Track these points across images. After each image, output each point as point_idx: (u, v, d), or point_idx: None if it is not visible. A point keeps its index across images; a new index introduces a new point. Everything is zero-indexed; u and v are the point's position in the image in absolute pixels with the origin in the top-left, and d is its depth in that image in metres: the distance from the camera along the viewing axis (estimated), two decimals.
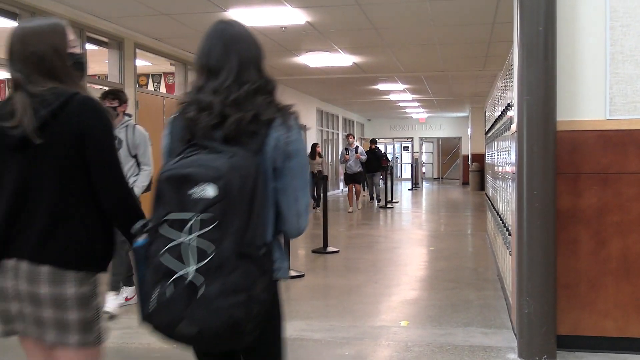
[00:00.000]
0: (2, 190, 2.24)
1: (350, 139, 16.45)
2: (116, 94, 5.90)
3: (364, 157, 15.98)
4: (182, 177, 1.89)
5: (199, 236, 1.84)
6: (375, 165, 17.69)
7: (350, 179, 16.08)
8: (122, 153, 5.69)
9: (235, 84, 2.08)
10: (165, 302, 1.87)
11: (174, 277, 1.86)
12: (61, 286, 2.19)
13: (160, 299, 1.88)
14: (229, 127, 2.01)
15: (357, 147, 16.15)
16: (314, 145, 16.07)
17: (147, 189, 6.00)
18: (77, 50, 2.37)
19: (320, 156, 16.02)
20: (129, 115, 6.05)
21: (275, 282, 2.11)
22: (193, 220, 1.85)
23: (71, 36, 2.35)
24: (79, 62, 2.36)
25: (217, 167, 1.88)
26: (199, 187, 1.86)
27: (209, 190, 1.86)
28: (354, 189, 16.08)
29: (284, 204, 2.09)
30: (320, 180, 13.32)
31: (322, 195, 11.52)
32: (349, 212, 15.52)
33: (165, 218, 1.90)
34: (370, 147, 18.27)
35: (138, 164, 5.90)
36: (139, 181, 5.86)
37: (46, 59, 2.23)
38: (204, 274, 1.83)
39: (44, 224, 2.18)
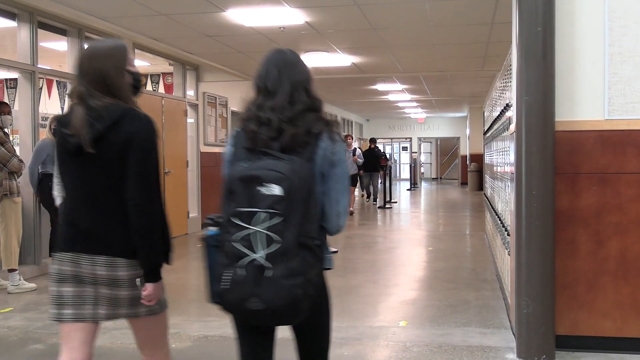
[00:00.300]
0: (65, 191, 2.68)
1: (348, 140, 15.83)
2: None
3: (360, 161, 15.63)
4: (252, 177, 2.27)
5: (266, 227, 2.22)
6: (374, 165, 17.49)
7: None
8: None
9: (289, 104, 2.48)
10: (237, 282, 2.25)
11: (245, 261, 2.24)
12: (119, 270, 2.61)
13: (233, 279, 2.25)
14: (285, 139, 2.42)
15: (355, 149, 15.75)
16: None
17: None
18: (135, 69, 2.76)
19: None
20: None
21: (324, 270, 2.48)
22: (262, 213, 2.23)
23: (130, 56, 2.73)
24: (137, 80, 2.77)
25: (281, 170, 2.26)
26: (267, 186, 2.24)
27: (275, 189, 2.24)
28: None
29: (327, 205, 2.46)
30: None
31: None
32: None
33: (236, 211, 2.27)
34: (369, 147, 18.01)
35: None
36: None
37: (109, 76, 2.59)
38: (271, 259, 2.21)
39: (107, 221, 2.58)
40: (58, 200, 2.83)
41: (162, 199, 2.69)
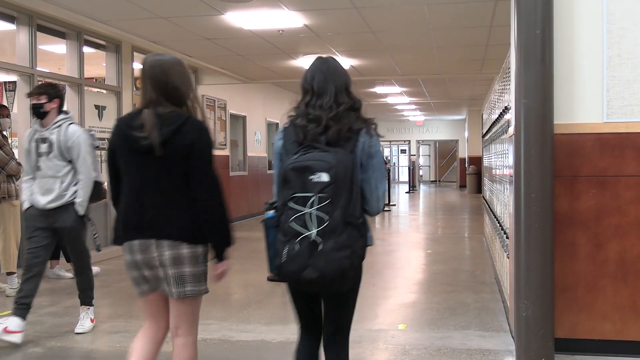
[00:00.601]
0: (127, 185, 3.03)
1: None
2: (44, 89, 5.09)
3: None
4: (304, 167, 2.68)
5: (317, 209, 2.64)
6: None
7: None
8: (53, 159, 5.02)
9: (334, 104, 2.89)
10: (294, 255, 2.66)
11: (300, 237, 2.65)
12: (191, 249, 3.00)
13: (290, 253, 2.67)
14: (331, 134, 2.82)
15: None
16: None
17: (97, 197, 5.36)
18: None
19: None
20: (66, 113, 5.18)
21: (366, 245, 2.84)
22: (313, 197, 2.64)
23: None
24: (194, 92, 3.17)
25: (328, 160, 2.68)
26: (317, 174, 2.66)
27: (324, 177, 2.66)
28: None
29: (367, 190, 2.86)
30: None
31: None
32: None
33: (292, 196, 2.68)
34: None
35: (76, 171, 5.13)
36: (78, 198, 5.12)
37: (179, 89, 3.03)
38: (322, 235, 2.63)
39: (171, 212, 2.98)
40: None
41: (223, 193, 3.07)
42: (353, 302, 3.04)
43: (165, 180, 2.98)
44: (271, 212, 2.84)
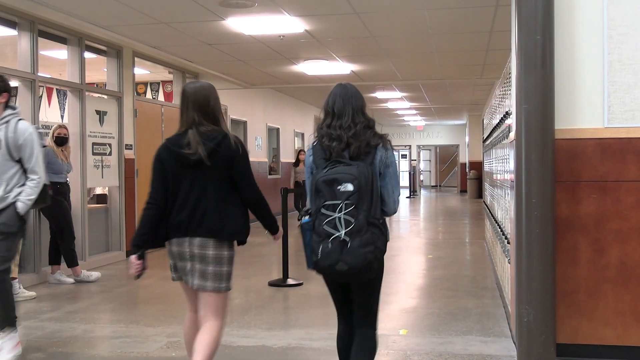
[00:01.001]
0: (180, 193, 3.60)
1: None
2: None
3: None
4: (332, 179, 3.18)
5: (345, 213, 3.14)
6: None
7: None
8: (0, 157, 4.60)
9: (352, 124, 3.36)
10: (328, 252, 3.17)
11: (332, 237, 3.15)
12: (224, 250, 3.63)
13: (323, 251, 3.18)
14: (353, 150, 3.31)
15: None
16: (299, 152, 15.07)
17: (43, 201, 4.89)
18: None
19: None
20: (13, 108, 4.79)
21: (387, 240, 3.32)
22: (341, 204, 3.14)
23: None
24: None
25: (352, 173, 3.18)
26: (343, 185, 3.16)
27: (349, 187, 3.15)
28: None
29: (385, 195, 3.35)
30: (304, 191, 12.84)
31: None
32: None
33: (324, 204, 3.18)
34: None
35: (24, 171, 4.70)
36: (24, 195, 4.65)
37: (216, 110, 3.67)
38: (349, 235, 3.13)
39: (213, 215, 3.58)
40: None
41: (259, 190, 3.76)
42: (378, 289, 3.54)
43: (213, 186, 3.60)
44: (307, 218, 3.36)
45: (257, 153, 15.82)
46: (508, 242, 5.51)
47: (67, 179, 7.76)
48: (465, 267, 8.98)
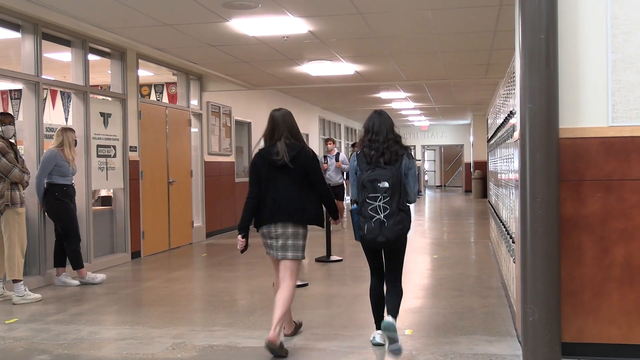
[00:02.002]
0: (270, 188, 4.92)
1: (329, 145, 13.68)
2: None
3: (345, 166, 13.19)
4: (374, 179, 4.61)
5: (383, 202, 4.55)
6: None
7: None
8: None
9: (386, 139, 4.79)
10: (371, 229, 4.59)
11: (374, 219, 4.58)
12: (299, 229, 4.96)
13: (368, 228, 4.60)
14: (386, 158, 4.72)
15: (338, 153, 13.59)
16: None
17: None
18: None
19: None
20: None
21: (410, 221, 4.77)
22: (380, 196, 4.56)
23: None
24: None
25: (387, 174, 4.61)
26: (381, 182, 4.57)
27: (385, 184, 4.57)
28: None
29: (408, 189, 4.76)
30: None
31: None
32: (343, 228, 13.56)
33: (368, 195, 4.61)
34: (354, 151, 17.00)
35: None
36: None
37: (296, 129, 5.04)
38: (386, 217, 4.56)
39: (294, 206, 4.90)
40: None
41: (327, 186, 5.12)
42: (403, 254, 4.93)
43: (292, 185, 4.93)
44: (355, 206, 4.80)
45: None
46: (513, 242, 5.51)
47: (73, 182, 7.77)
48: (470, 266, 8.97)
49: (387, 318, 4.72)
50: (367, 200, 4.62)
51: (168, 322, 5.87)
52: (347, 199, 13.05)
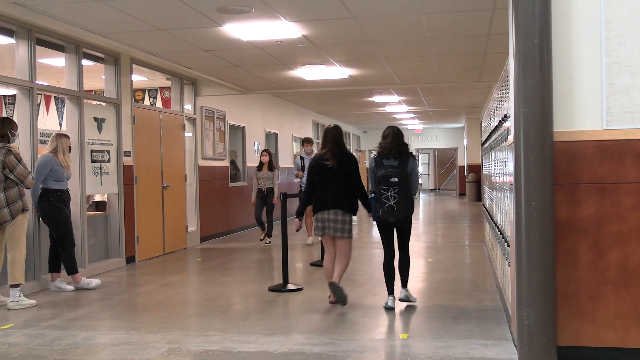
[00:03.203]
0: (322, 185, 6.54)
1: (306, 146, 12.00)
2: None
3: None
4: (387, 175, 6.18)
5: (393, 193, 6.15)
6: None
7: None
8: None
9: (397, 144, 6.36)
10: (385, 212, 6.22)
11: (387, 205, 6.18)
12: (347, 216, 6.52)
13: (382, 212, 6.22)
14: (397, 158, 6.30)
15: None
16: (262, 153, 12.22)
17: None
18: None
19: (272, 168, 12.06)
20: None
21: (413, 207, 6.41)
22: (391, 188, 6.15)
23: None
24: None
25: (396, 172, 6.20)
26: (393, 178, 6.16)
27: (395, 179, 6.16)
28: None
29: (411, 184, 6.28)
30: (270, 200, 11.81)
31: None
32: (307, 245, 11.77)
33: (382, 187, 6.20)
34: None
35: None
36: None
37: (342, 140, 6.74)
38: (396, 204, 6.17)
39: (340, 198, 6.49)
40: None
41: (365, 188, 6.68)
42: (409, 232, 6.50)
43: (339, 183, 6.52)
44: (372, 195, 6.39)
45: (256, 158, 15.77)
46: (508, 245, 5.51)
47: (68, 187, 7.76)
48: (465, 270, 8.97)
49: (402, 291, 6.56)
50: (382, 190, 6.23)
51: (163, 327, 5.86)
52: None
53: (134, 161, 10.03)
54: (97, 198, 10.37)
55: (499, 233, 6.68)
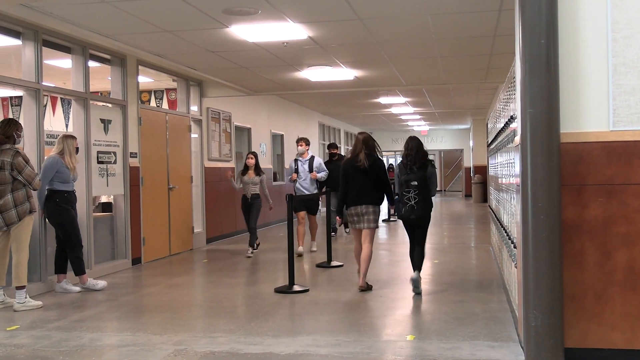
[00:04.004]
0: (355, 184, 7.51)
1: (300, 146, 11.01)
2: None
3: (321, 175, 10.83)
4: (409, 179, 7.16)
5: (414, 194, 7.12)
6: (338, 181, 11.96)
7: (301, 205, 10.64)
8: None
9: (417, 153, 7.25)
10: (407, 211, 7.17)
11: (408, 205, 7.15)
12: (376, 208, 7.58)
13: (404, 210, 7.19)
14: (417, 166, 7.20)
15: (312, 157, 10.90)
16: (247, 156, 10.97)
17: None
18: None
19: (259, 172, 10.77)
20: None
21: (432, 207, 7.41)
22: (412, 190, 7.14)
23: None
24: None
25: (416, 177, 7.16)
26: (413, 182, 7.12)
27: (416, 183, 7.12)
28: (306, 221, 10.97)
29: (430, 187, 7.24)
30: (254, 208, 10.59)
31: (254, 228, 10.48)
32: (297, 255, 10.28)
33: (405, 189, 7.18)
34: (330, 156, 13.02)
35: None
36: None
37: (373, 145, 7.64)
38: (416, 204, 7.13)
39: (371, 194, 7.52)
40: None
41: (391, 186, 7.62)
42: (427, 229, 7.39)
43: (370, 182, 7.46)
44: (396, 197, 7.28)
45: (262, 160, 15.82)
46: (514, 247, 5.50)
47: (74, 188, 7.77)
48: (471, 271, 8.96)
49: (414, 273, 7.27)
50: (404, 192, 7.20)
51: (169, 328, 5.86)
52: (323, 210, 10.77)
53: (140, 162, 10.05)
54: (103, 199, 10.39)
55: (505, 234, 6.66)
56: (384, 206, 8.14)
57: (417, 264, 7.26)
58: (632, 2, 4.42)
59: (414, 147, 7.26)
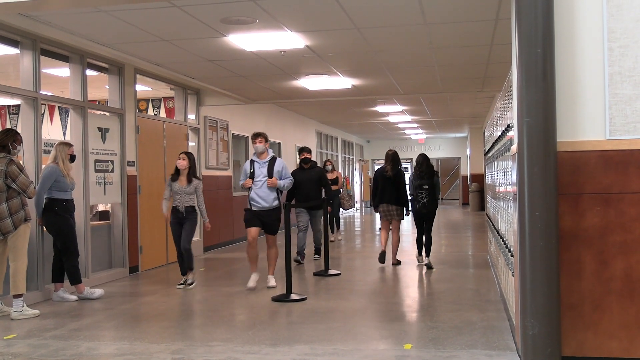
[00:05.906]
0: (383, 188, 10.09)
1: (259, 143, 8.32)
2: None
3: (283, 183, 8.31)
4: (421, 184, 9.96)
5: (425, 195, 9.93)
6: (313, 191, 10.35)
7: (254, 219, 8.18)
8: None
9: (426, 167, 10.08)
10: (420, 207, 10.02)
11: (421, 203, 9.97)
12: (398, 207, 10.16)
13: (417, 206, 10.05)
14: (427, 175, 10.02)
15: (273, 158, 8.43)
16: (183, 156, 8.66)
17: None
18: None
19: (192, 179, 8.63)
20: None
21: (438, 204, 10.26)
22: (423, 191, 9.94)
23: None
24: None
25: (426, 182, 9.93)
26: (425, 186, 9.92)
27: (426, 186, 9.92)
28: (259, 240, 8.31)
29: (435, 190, 10.04)
30: (188, 225, 8.55)
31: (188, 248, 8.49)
32: (248, 288, 8.25)
33: (418, 191, 9.97)
34: (301, 162, 10.79)
35: None
36: None
37: (396, 160, 10.19)
38: (427, 202, 9.97)
39: (393, 196, 10.10)
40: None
41: (407, 192, 10.22)
42: (433, 220, 10.12)
43: (394, 187, 9.97)
44: (411, 197, 10.08)
45: None
46: (512, 255, 5.50)
47: (72, 197, 7.77)
48: (468, 280, 8.96)
49: (426, 259, 9.92)
50: (418, 193, 9.79)
51: (167, 337, 5.85)
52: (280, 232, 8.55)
53: (137, 171, 10.05)
54: (101, 208, 10.38)
55: (502, 243, 6.66)
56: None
57: (427, 249, 10.02)
58: (628, 12, 4.45)
59: (423, 162, 10.01)
